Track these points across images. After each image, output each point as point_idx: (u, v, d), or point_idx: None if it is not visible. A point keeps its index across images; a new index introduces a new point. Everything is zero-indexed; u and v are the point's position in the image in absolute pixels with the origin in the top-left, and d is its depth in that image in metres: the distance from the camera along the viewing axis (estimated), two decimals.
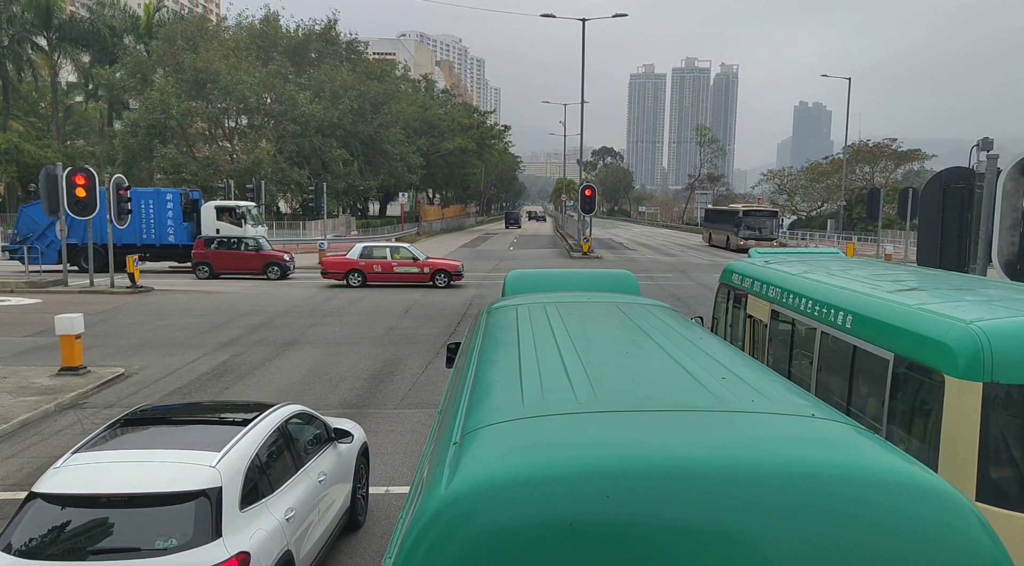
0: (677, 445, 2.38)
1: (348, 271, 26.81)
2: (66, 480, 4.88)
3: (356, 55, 66.11)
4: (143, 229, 31.10)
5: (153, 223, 31.43)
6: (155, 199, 31.65)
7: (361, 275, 26.82)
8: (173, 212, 31.56)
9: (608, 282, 8.26)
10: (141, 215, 31.00)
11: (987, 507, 4.20)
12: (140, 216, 30.90)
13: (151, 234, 31.19)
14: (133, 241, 30.95)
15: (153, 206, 31.45)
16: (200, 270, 29.34)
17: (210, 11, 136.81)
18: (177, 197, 31.98)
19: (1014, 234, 9.80)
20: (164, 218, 31.51)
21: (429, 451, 3.13)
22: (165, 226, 31.47)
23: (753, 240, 46.24)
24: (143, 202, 31.21)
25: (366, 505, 7.59)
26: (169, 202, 31.59)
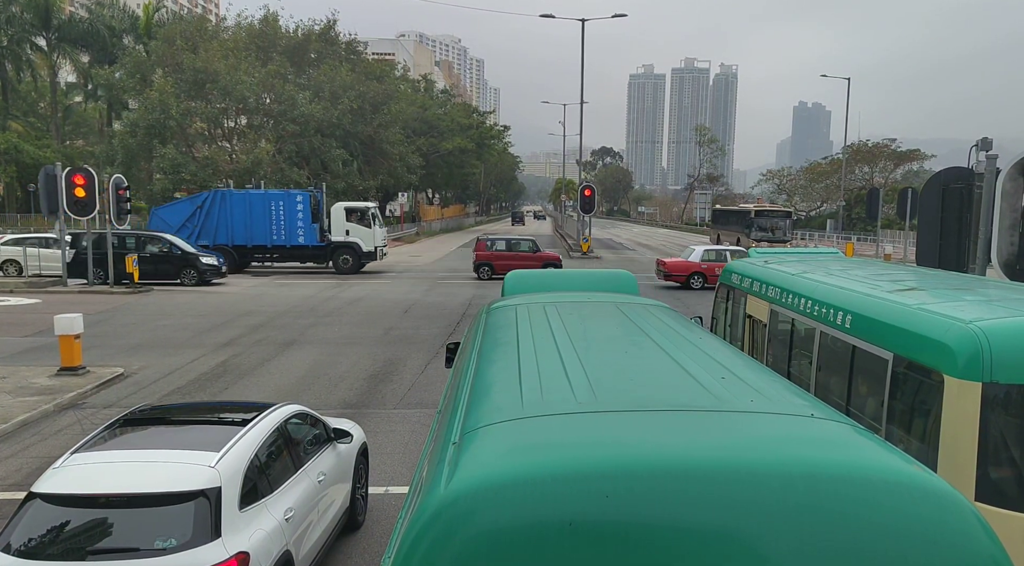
0: (676, 445, 2.38)
1: (690, 274, 27.64)
2: (65, 480, 4.88)
3: (355, 55, 66.05)
4: (273, 230, 31.45)
5: (283, 224, 31.67)
6: (285, 200, 31.96)
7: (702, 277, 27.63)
8: (303, 213, 31.82)
9: (607, 282, 8.26)
10: (271, 216, 31.40)
11: (986, 507, 4.20)
12: (270, 217, 31.38)
13: (281, 235, 31.52)
14: (263, 242, 31.51)
15: (283, 207, 31.72)
16: (482, 271, 30.65)
17: (209, 11, 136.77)
18: (307, 198, 32.26)
19: (1013, 234, 9.80)
20: (294, 219, 31.75)
21: (428, 451, 3.13)
22: (295, 227, 31.70)
23: (766, 242, 43.72)
24: (273, 204, 31.65)
25: (365, 505, 7.58)
26: (299, 204, 31.85)
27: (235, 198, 31.70)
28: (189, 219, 31.06)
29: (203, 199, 31.65)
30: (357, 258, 32.29)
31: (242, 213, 31.35)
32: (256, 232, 31.16)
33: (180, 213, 31.54)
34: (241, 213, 31.35)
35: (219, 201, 31.38)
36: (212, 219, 31.11)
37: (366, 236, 32.33)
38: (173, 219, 30.94)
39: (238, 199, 31.67)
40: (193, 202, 31.94)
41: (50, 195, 23.61)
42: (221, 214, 31.21)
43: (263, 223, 31.19)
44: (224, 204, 31.35)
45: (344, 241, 32.14)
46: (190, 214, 31.20)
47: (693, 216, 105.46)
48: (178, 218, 31.13)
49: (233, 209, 31.27)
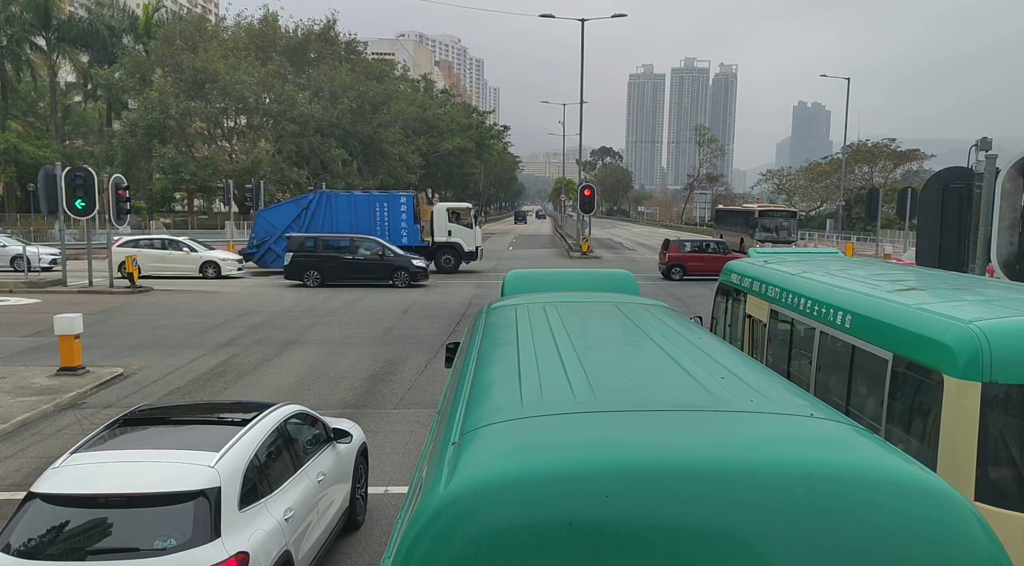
0: (676, 445, 2.38)
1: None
2: (65, 480, 4.88)
3: (355, 55, 66.11)
4: (376, 231, 31.58)
5: (387, 225, 31.81)
6: (389, 202, 32.17)
7: None
8: (406, 214, 32.08)
9: (607, 282, 8.26)
10: (375, 218, 31.68)
11: (986, 507, 4.20)
12: (374, 219, 31.65)
13: (385, 236, 31.60)
14: None
15: (387, 209, 31.93)
16: (673, 273, 30.74)
17: (209, 11, 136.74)
18: (410, 200, 32.55)
19: (1013, 234, 9.80)
20: (397, 220, 31.97)
21: (428, 451, 3.13)
22: (399, 228, 31.89)
23: (771, 243, 42.62)
24: (377, 205, 31.93)
25: (365, 505, 7.58)
26: (403, 205, 32.07)
27: (340, 200, 32.08)
28: (295, 220, 31.40)
29: (308, 200, 32.05)
30: (458, 258, 32.62)
31: (346, 214, 31.62)
32: (360, 233, 31.14)
33: (286, 214, 31.88)
34: (345, 214, 31.61)
35: (324, 203, 31.72)
36: (317, 220, 31.39)
37: (467, 236, 32.71)
38: (278, 220, 31.38)
39: (343, 201, 32.05)
40: (299, 204, 32.29)
41: (50, 195, 23.60)
42: (326, 215, 31.49)
43: (367, 224, 31.43)
44: (329, 205, 31.67)
45: (446, 241, 32.49)
46: (295, 215, 31.52)
47: (693, 216, 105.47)
48: (283, 219, 31.50)
49: (337, 210, 31.59)
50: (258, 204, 41.28)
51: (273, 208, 33.44)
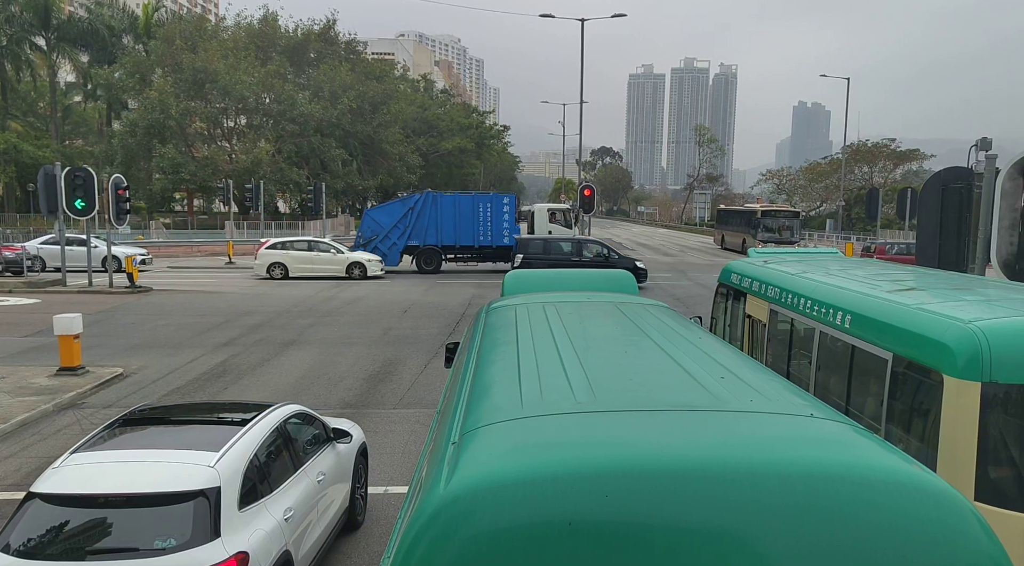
0: (676, 445, 2.38)
1: None
2: (64, 480, 4.88)
3: (355, 55, 66.13)
4: (480, 232, 32.22)
5: (490, 226, 32.40)
6: (492, 202, 32.74)
7: None
8: (508, 215, 32.69)
9: (607, 282, 8.25)
10: (479, 218, 32.27)
11: (986, 507, 4.20)
12: (477, 219, 32.25)
13: (487, 236, 32.29)
14: (470, 243, 32.27)
15: (491, 209, 32.49)
16: None
17: (208, 11, 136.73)
18: (512, 201, 33.28)
19: (1012, 234, 9.80)
20: (500, 221, 32.52)
21: (428, 451, 3.13)
22: (501, 228, 32.44)
23: (773, 243, 42.39)
24: (481, 206, 32.51)
25: (365, 505, 7.59)
26: (505, 206, 32.67)
27: (445, 200, 32.67)
28: (401, 220, 32.01)
29: (415, 201, 32.62)
30: None
31: (451, 214, 32.20)
32: (463, 233, 32.05)
33: (392, 214, 32.46)
34: (450, 214, 32.19)
35: (430, 203, 32.27)
36: (423, 220, 32.02)
37: (567, 236, 33.40)
38: (385, 220, 32.01)
39: (447, 201, 32.62)
40: (405, 204, 32.87)
41: (49, 195, 23.60)
42: (431, 215, 32.10)
43: (470, 224, 32.10)
44: (435, 206, 32.25)
45: None
46: (402, 215, 32.14)
47: (693, 216, 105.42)
48: (390, 219, 32.12)
49: (442, 211, 32.19)
50: (257, 204, 41.27)
51: (380, 208, 34.11)
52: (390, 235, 31.37)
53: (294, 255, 28.84)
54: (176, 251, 42.93)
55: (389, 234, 31.35)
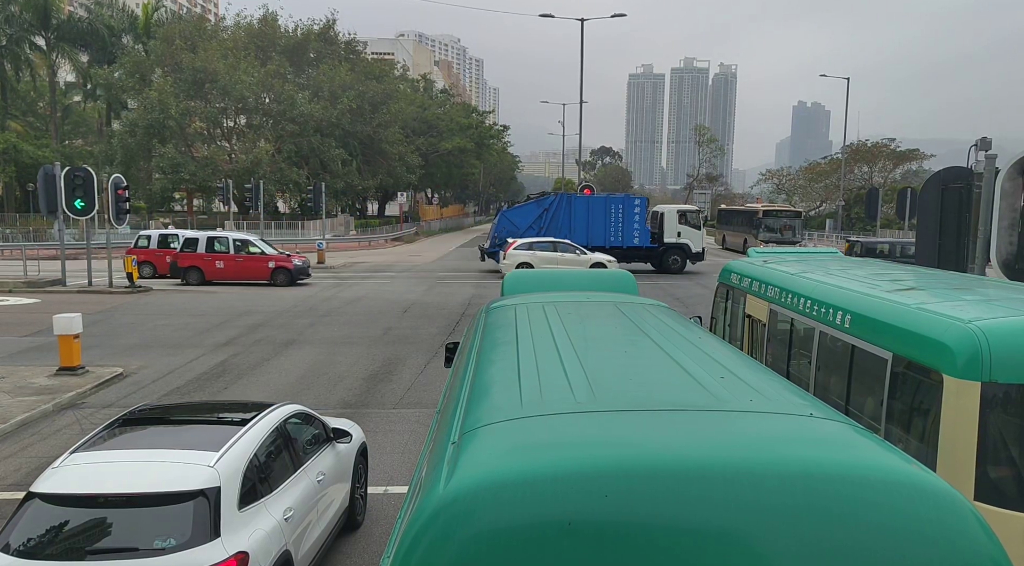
0: (675, 445, 2.38)
1: None
2: (64, 480, 4.87)
3: (355, 55, 66.04)
4: (611, 232, 32.95)
5: (621, 227, 33.15)
6: (624, 204, 33.56)
7: None
8: (639, 216, 33.43)
9: (607, 282, 8.25)
10: (610, 219, 33.05)
11: (985, 506, 4.20)
12: (609, 220, 33.04)
13: (618, 237, 33.01)
14: (601, 243, 32.82)
15: (622, 211, 33.23)
16: None
17: (208, 11, 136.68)
18: (643, 203, 34.21)
19: (1012, 234, 9.80)
20: (631, 222, 33.21)
21: (428, 451, 3.13)
22: (631, 229, 33.17)
23: (775, 243, 42.42)
24: (613, 207, 33.34)
25: (365, 505, 7.58)
26: (636, 207, 33.48)
27: (578, 202, 33.57)
28: (536, 220, 33.01)
29: (549, 202, 33.56)
30: (685, 259, 33.82)
31: (583, 215, 33.01)
32: (594, 233, 32.80)
33: (527, 215, 33.44)
34: (582, 215, 33.00)
35: (564, 204, 33.19)
36: (557, 221, 32.92)
37: (695, 238, 33.93)
38: (520, 220, 33.02)
39: (580, 202, 33.49)
40: (540, 205, 33.75)
41: (49, 195, 23.60)
42: (564, 217, 32.97)
43: (601, 225, 32.90)
44: (568, 207, 33.13)
45: (676, 243, 33.68)
46: (537, 216, 33.14)
47: None
48: (525, 220, 33.13)
49: (575, 211, 33.06)
50: (257, 204, 41.27)
51: (516, 208, 34.90)
52: (525, 235, 32.26)
53: (540, 255, 29.60)
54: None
55: (524, 234, 32.29)
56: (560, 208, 32.99)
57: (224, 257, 27.20)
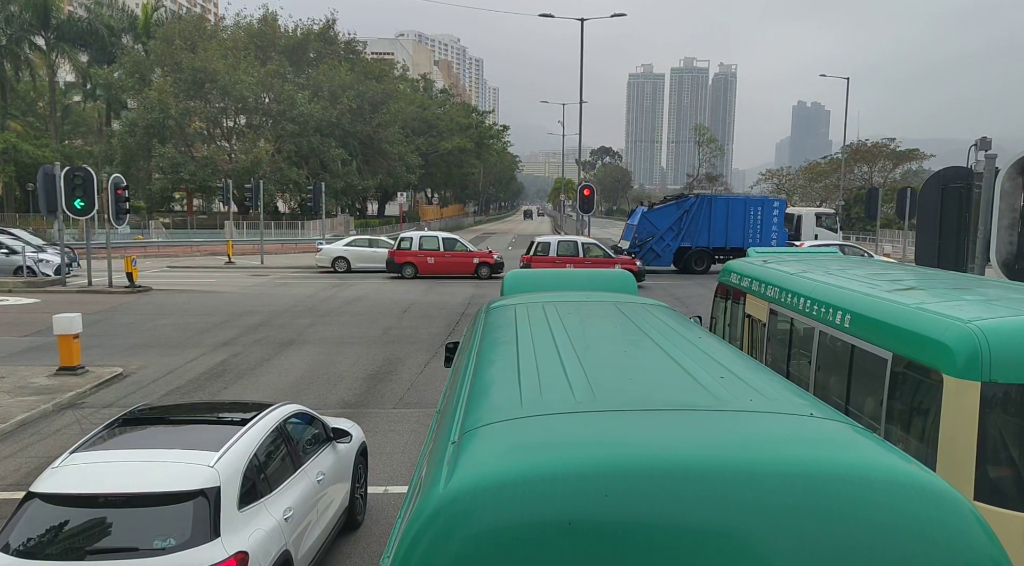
0: (675, 444, 2.38)
1: None
2: (64, 480, 4.87)
3: (354, 55, 66.06)
4: (749, 234, 33.16)
5: (759, 229, 33.39)
6: (763, 206, 33.87)
7: None
8: (777, 219, 33.74)
9: (606, 282, 8.25)
10: (748, 221, 33.34)
11: (985, 506, 4.20)
12: (747, 222, 33.32)
13: (756, 239, 33.19)
14: (739, 245, 32.95)
15: (761, 213, 33.55)
16: None
17: (208, 11, 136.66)
18: (782, 205, 34.64)
19: (1012, 233, 9.81)
20: (769, 224, 33.43)
21: (427, 450, 3.13)
22: (769, 232, 33.40)
23: None
24: (752, 209, 33.66)
25: (365, 505, 7.58)
26: (775, 210, 33.74)
27: (718, 204, 33.79)
28: (675, 222, 33.26)
29: (690, 204, 33.75)
30: None
31: (722, 217, 33.25)
32: (732, 235, 33.04)
33: (667, 216, 33.64)
34: (721, 217, 33.25)
35: (704, 206, 33.42)
36: (696, 223, 33.19)
37: (832, 240, 34.37)
38: (660, 222, 33.27)
39: (720, 204, 33.72)
40: (680, 207, 33.94)
41: (49, 195, 23.58)
42: (704, 218, 33.23)
43: (740, 227, 33.14)
44: (709, 209, 33.36)
45: None
46: (677, 217, 33.36)
47: None
48: (665, 221, 33.39)
49: (714, 213, 33.30)
50: (257, 204, 41.23)
51: (657, 210, 35.07)
52: (664, 236, 32.65)
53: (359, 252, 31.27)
54: (175, 251, 42.94)
55: (663, 235, 32.64)
56: (700, 210, 33.25)
57: (435, 254, 29.88)
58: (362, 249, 31.85)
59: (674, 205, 34.55)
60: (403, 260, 29.63)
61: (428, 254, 29.78)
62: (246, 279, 29.22)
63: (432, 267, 29.70)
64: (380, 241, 32.67)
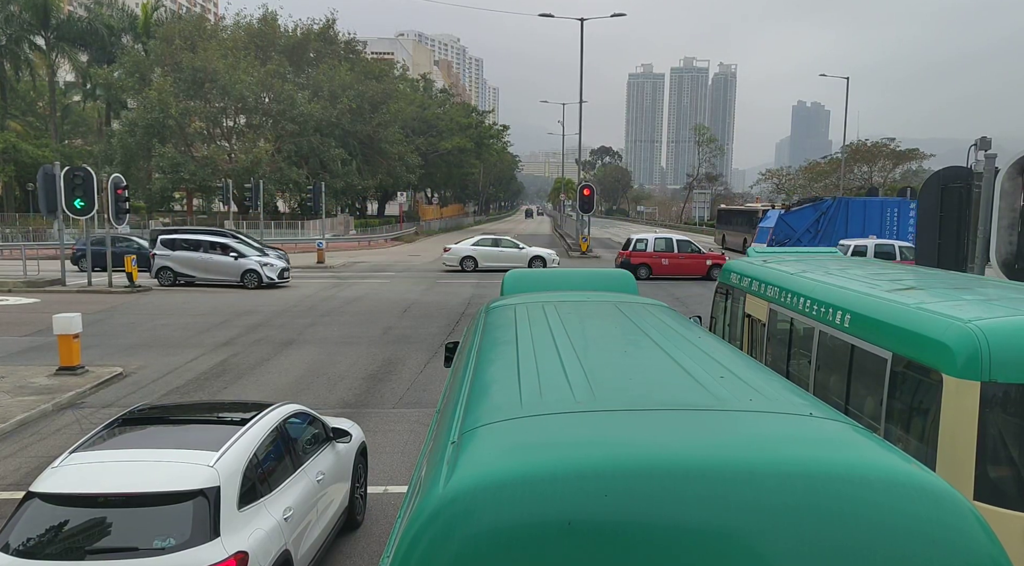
0: (675, 444, 2.38)
1: None
2: (64, 480, 4.87)
3: (354, 54, 66.07)
4: (886, 234, 33.23)
5: (896, 228, 33.63)
6: (899, 207, 34.16)
7: None
8: (914, 218, 34.68)
9: (606, 281, 8.25)
10: (885, 221, 33.64)
11: (985, 506, 4.20)
12: (885, 222, 33.60)
13: (892, 238, 33.24)
14: None
15: (898, 213, 33.87)
16: None
17: (208, 11, 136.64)
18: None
19: (1012, 233, 9.81)
20: (906, 223, 33.51)
21: (427, 450, 3.13)
22: (906, 230, 33.44)
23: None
24: (888, 209, 34.00)
25: (364, 504, 7.58)
26: (912, 210, 33.59)
27: (855, 205, 34.28)
28: (813, 224, 33.84)
29: (827, 206, 34.26)
30: None
31: (858, 218, 33.58)
32: (868, 235, 33.01)
33: (805, 218, 34.27)
34: (858, 218, 33.58)
35: (842, 208, 33.91)
36: (833, 224, 33.60)
37: None
38: (798, 224, 33.95)
39: (857, 205, 34.16)
40: (817, 208, 34.54)
41: (49, 195, 23.58)
42: (841, 219, 33.62)
43: (877, 227, 33.34)
44: (846, 210, 33.82)
45: None
46: (814, 219, 33.96)
47: (692, 216, 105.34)
48: (802, 223, 34.03)
49: (851, 215, 33.74)
50: (257, 204, 41.24)
51: (793, 213, 35.44)
52: (801, 238, 32.93)
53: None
54: None
55: (801, 237, 32.94)
56: (837, 212, 33.56)
57: (669, 255, 30.11)
58: (489, 248, 33.27)
59: (811, 207, 34.98)
60: (639, 261, 29.91)
61: (663, 255, 30.20)
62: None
63: (666, 268, 30.01)
64: (504, 241, 34.17)
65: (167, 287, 25.94)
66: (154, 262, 26.43)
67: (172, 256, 26.36)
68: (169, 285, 26.23)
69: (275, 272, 26.17)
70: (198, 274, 26.25)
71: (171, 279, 26.35)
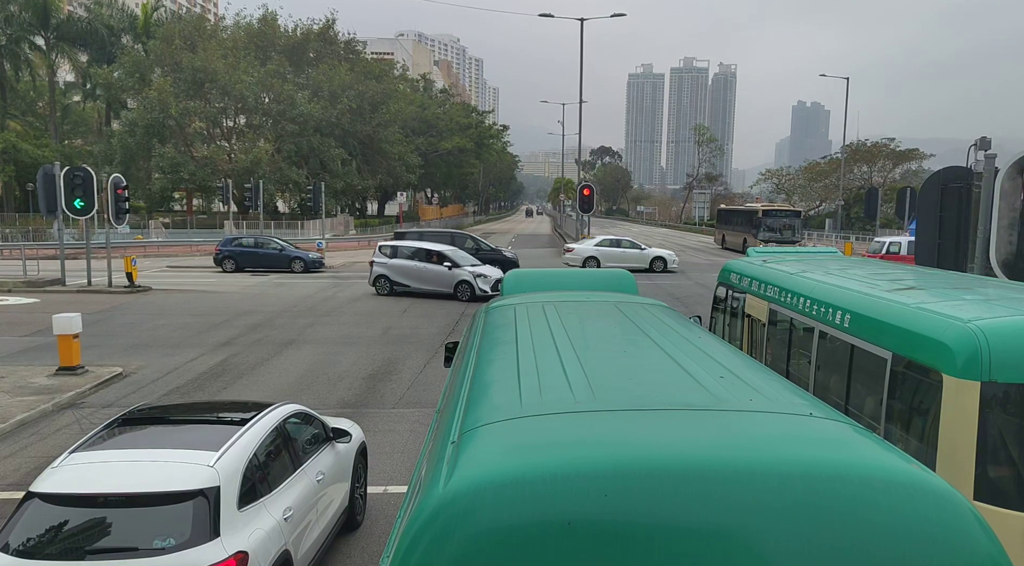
0: (675, 444, 2.38)
1: None
2: (64, 480, 4.87)
3: (354, 55, 66.12)
4: None
5: None
6: None
7: None
8: None
9: (606, 281, 8.24)
10: None
11: (985, 506, 4.20)
12: None
13: None
14: None
15: None
16: None
17: (208, 11, 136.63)
18: None
19: (1012, 233, 9.80)
20: None
21: (427, 450, 3.13)
22: None
23: (775, 243, 41.49)
24: None
25: (364, 504, 7.58)
26: None
27: None
28: None
29: None
30: None
31: None
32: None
33: None
34: None
35: None
36: None
37: None
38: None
39: None
40: None
41: (48, 195, 23.58)
42: None
43: None
44: None
45: None
46: None
47: (692, 215, 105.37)
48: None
49: None
50: (257, 204, 41.22)
51: None
52: None
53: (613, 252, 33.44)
54: (175, 251, 42.91)
55: None
56: None
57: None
58: (611, 249, 33.97)
59: None
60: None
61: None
62: (246, 279, 29.21)
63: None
64: (624, 241, 35.13)
65: (166, 288, 25.93)
66: (372, 270, 24.66)
67: (390, 264, 24.32)
68: (386, 294, 24.13)
69: (488, 284, 23.31)
70: (413, 283, 24.08)
71: (387, 288, 24.29)
